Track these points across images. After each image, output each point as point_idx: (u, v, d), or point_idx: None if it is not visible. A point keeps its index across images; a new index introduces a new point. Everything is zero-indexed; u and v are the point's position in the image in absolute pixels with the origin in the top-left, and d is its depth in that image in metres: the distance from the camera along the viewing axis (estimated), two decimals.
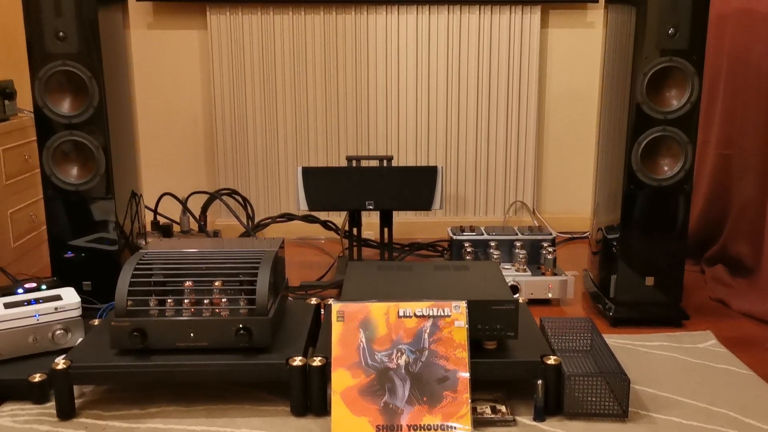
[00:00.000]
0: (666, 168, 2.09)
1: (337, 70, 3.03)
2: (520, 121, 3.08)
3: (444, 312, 1.60)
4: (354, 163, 2.55)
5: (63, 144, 2.08)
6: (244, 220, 3.01)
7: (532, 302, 2.29)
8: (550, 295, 2.32)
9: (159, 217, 2.86)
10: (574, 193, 3.22)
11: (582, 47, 3.08)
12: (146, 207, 2.64)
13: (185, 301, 1.67)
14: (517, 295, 2.30)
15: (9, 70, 2.73)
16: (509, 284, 2.28)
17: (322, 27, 2.99)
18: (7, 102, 2.50)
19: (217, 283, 1.69)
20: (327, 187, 2.43)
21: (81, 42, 2.03)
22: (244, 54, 3.00)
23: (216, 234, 2.92)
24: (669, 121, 2.04)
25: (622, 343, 2.01)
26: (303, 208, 2.45)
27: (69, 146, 2.10)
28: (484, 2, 2.97)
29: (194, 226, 2.88)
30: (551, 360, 1.61)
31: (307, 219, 2.91)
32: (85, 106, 2.06)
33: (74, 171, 2.13)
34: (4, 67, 2.76)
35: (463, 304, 1.61)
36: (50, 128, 2.08)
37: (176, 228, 2.90)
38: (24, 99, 2.64)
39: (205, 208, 2.89)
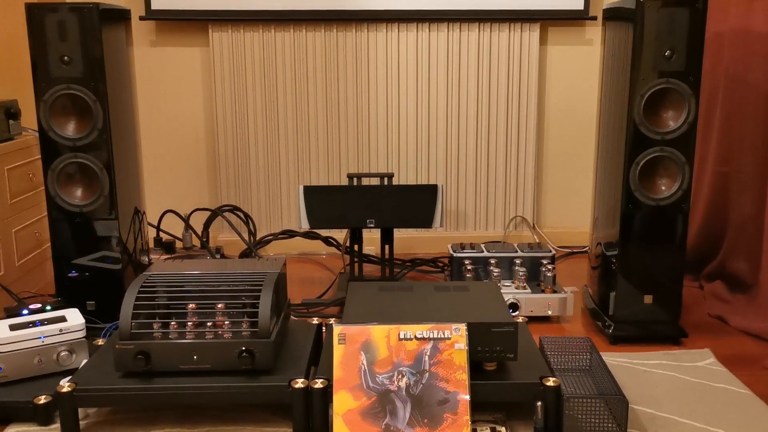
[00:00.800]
0: (664, 188, 2.11)
1: (338, 87, 3.06)
2: (519, 136, 3.11)
3: (444, 334, 1.62)
4: (355, 181, 2.58)
5: (68, 166, 2.11)
6: (246, 236, 3.03)
7: (532, 319, 2.31)
8: (549, 313, 2.34)
9: (162, 234, 2.88)
10: (573, 208, 3.24)
11: (581, 64, 3.10)
12: (149, 224, 2.66)
13: (188, 323, 1.69)
14: (516, 312, 2.32)
15: (14, 90, 2.76)
16: (509, 302, 2.31)
17: (323, 44, 3.02)
18: (11, 122, 2.52)
19: (219, 306, 1.72)
20: (328, 205, 2.46)
21: (85, 66, 2.06)
22: (246, 71, 3.03)
23: (218, 250, 2.94)
24: (666, 142, 2.06)
25: (621, 361, 2.03)
26: (305, 226, 2.47)
27: (73, 168, 2.12)
28: (483, 19, 3.00)
29: (197, 242, 2.90)
30: (550, 382, 1.62)
31: (309, 235, 2.93)
32: (90, 129, 2.09)
33: (78, 192, 2.15)
34: (9, 86, 2.78)
35: (463, 326, 1.62)
36: (55, 150, 2.10)
37: (179, 244, 2.92)
38: (28, 118, 2.67)
39: (207, 225, 2.91)
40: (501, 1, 2.97)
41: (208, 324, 1.69)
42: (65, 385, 1.62)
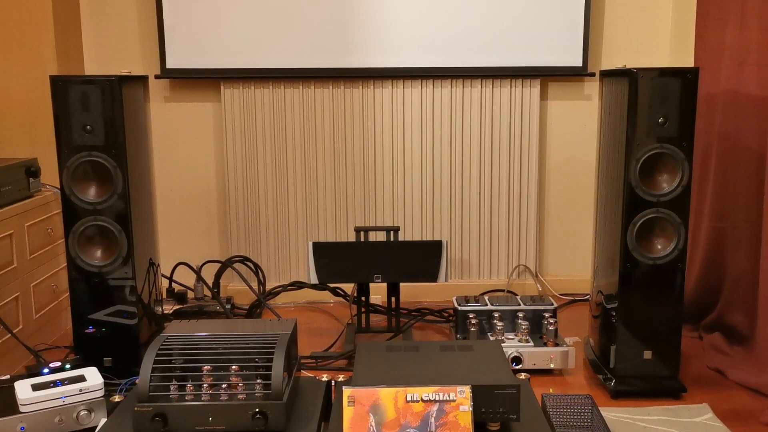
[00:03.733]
0: (660, 247, 2.19)
1: (345, 141, 3.16)
2: (521, 187, 3.20)
3: (449, 396, 1.69)
4: (362, 235, 2.66)
5: (88, 228, 2.20)
6: (256, 286, 3.11)
7: (535, 372, 2.37)
8: (552, 366, 2.40)
9: (174, 285, 2.96)
10: (575, 256, 3.31)
11: (580, 117, 3.21)
12: (162, 275, 2.75)
13: (204, 385, 1.76)
14: (519, 365, 2.38)
15: (33, 147, 2.87)
16: (512, 355, 2.38)
17: (331, 101, 3.13)
18: (32, 180, 2.62)
19: (234, 367, 1.79)
20: (336, 261, 2.54)
21: (107, 134, 2.16)
22: (256, 126, 3.14)
23: (228, 300, 3.02)
24: (662, 203, 2.15)
25: (621, 416, 2.09)
26: (314, 280, 2.55)
27: (93, 230, 2.22)
28: (485, 76, 3.11)
29: (208, 293, 2.98)
30: None
31: (317, 286, 3.00)
32: (110, 193, 2.19)
33: (98, 253, 2.24)
34: (29, 144, 2.89)
35: (468, 388, 1.69)
36: (76, 213, 2.20)
37: (190, 294, 3.00)
38: (47, 173, 2.77)
39: (218, 276, 2.99)
40: (502, 59, 3.09)
41: (223, 386, 1.77)
42: None
